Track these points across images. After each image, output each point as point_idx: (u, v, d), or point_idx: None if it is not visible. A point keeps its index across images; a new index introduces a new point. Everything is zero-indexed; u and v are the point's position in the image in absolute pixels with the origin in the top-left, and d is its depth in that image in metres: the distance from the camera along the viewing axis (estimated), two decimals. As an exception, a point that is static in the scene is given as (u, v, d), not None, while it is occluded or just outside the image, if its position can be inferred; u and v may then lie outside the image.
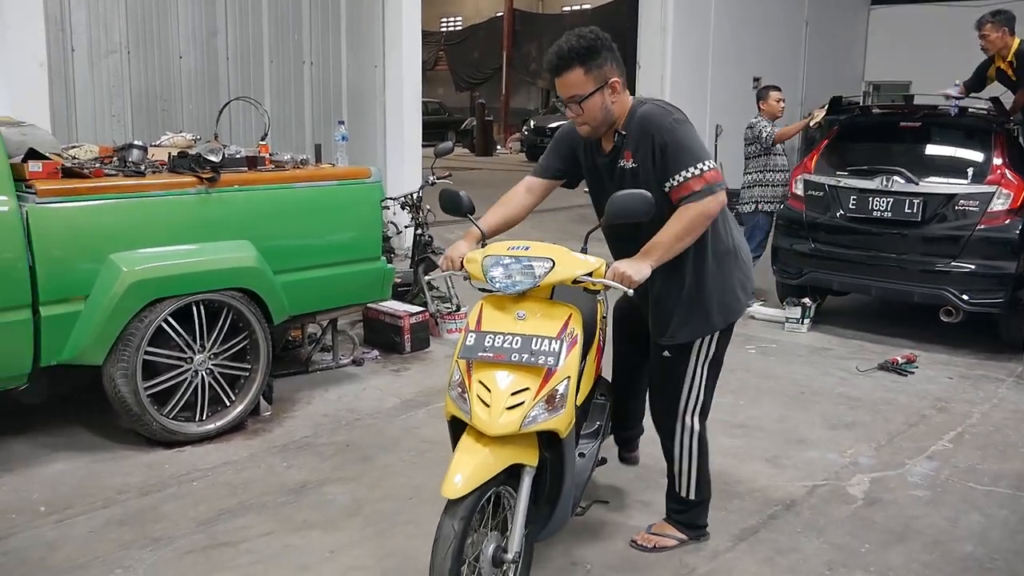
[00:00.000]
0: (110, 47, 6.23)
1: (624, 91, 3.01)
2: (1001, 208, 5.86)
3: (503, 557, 2.71)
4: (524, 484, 2.73)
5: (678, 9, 11.69)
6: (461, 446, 2.67)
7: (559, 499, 2.86)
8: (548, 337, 2.71)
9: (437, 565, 2.54)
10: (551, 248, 2.86)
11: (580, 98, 2.91)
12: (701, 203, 2.90)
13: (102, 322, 3.96)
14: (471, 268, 2.91)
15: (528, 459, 2.74)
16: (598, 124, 3.00)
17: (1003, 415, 4.96)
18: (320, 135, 7.47)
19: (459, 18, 34.63)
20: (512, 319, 2.78)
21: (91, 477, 3.95)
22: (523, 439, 2.73)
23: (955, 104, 6.46)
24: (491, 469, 2.63)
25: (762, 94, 7.46)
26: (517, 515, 2.72)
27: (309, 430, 4.55)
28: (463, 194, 3.13)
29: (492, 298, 2.90)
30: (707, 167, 2.92)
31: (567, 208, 11.82)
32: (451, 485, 2.56)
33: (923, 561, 3.36)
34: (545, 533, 2.95)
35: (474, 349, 2.72)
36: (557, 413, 2.68)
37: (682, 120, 2.99)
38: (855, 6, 16.64)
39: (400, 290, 6.38)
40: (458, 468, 2.59)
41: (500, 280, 2.81)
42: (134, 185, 4.14)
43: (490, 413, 2.63)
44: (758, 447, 4.43)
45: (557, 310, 2.84)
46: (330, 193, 4.87)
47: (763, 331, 6.67)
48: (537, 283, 2.78)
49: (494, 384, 2.67)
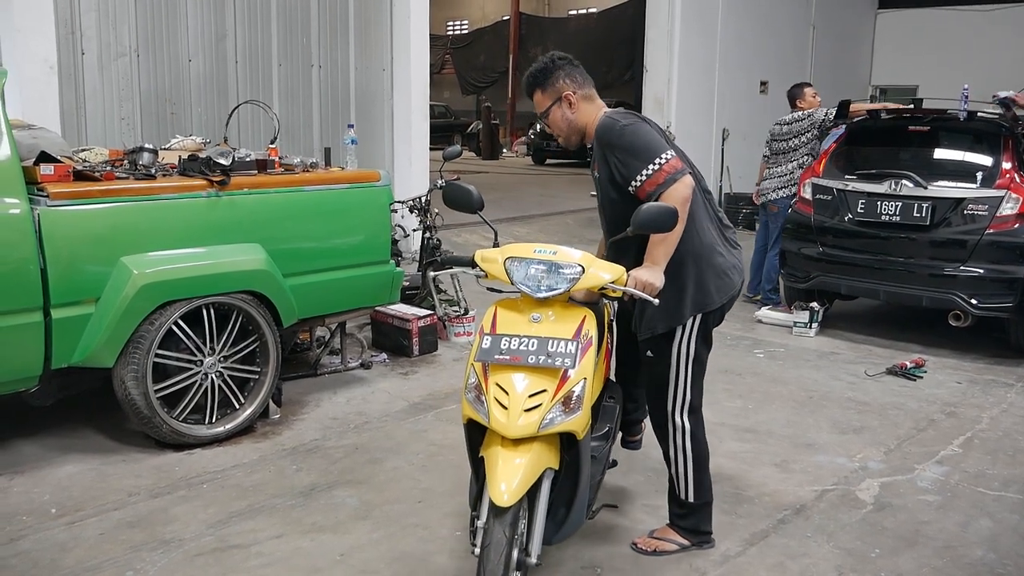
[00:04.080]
0: (120, 50, 6.26)
1: (584, 103, 3.23)
2: (1010, 212, 5.85)
3: (527, 561, 2.70)
4: (544, 487, 2.73)
5: (685, 13, 11.68)
6: (499, 455, 2.65)
7: (575, 501, 2.86)
8: (564, 339, 2.72)
9: (490, 571, 2.54)
10: (576, 254, 2.87)
11: (543, 113, 3.26)
12: (673, 189, 3.01)
13: (113, 325, 3.97)
14: (490, 268, 2.91)
15: (553, 463, 2.75)
16: (565, 134, 3.28)
17: (1012, 420, 4.94)
18: (328, 138, 7.50)
19: (465, 22, 34.68)
20: (527, 321, 2.79)
21: (101, 479, 3.96)
22: (550, 443, 2.73)
23: (965, 108, 6.43)
24: (533, 475, 2.64)
25: (796, 92, 7.49)
26: (537, 517, 2.71)
27: (318, 433, 4.56)
28: (473, 189, 3.15)
29: (506, 301, 2.91)
30: (663, 160, 3.03)
31: (574, 212, 11.85)
32: (499, 494, 2.56)
33: (934, 566, 3.35)
34: (560, 536, 2.95)
35: (490, 352, 2.73)
36: (574, 414, 2.69)
37: (630, 124, 3.13)
38: (862, 10, 16.63)
39: (408, 293, 6.39)
40: (503, 477, 2.59)
41: (528, 283, 2.81)
42: (145, 188, 4.15)
43: (508, 415, 2.63)
44: (767, 452, 4.42)
45: (572, 312, 2.85)
46: (339, 196, 4.88)
47: (771, 335, 6.66)
48: (568, 288, 2.79)
49: (511, 386, 2.67)
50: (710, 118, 12.35)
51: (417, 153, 8.31)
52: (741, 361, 5.97)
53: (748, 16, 12.85)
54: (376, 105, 8.13)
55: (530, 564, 2.70)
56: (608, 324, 3.52)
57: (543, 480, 2.73)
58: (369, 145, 7.93)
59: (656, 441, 3.43)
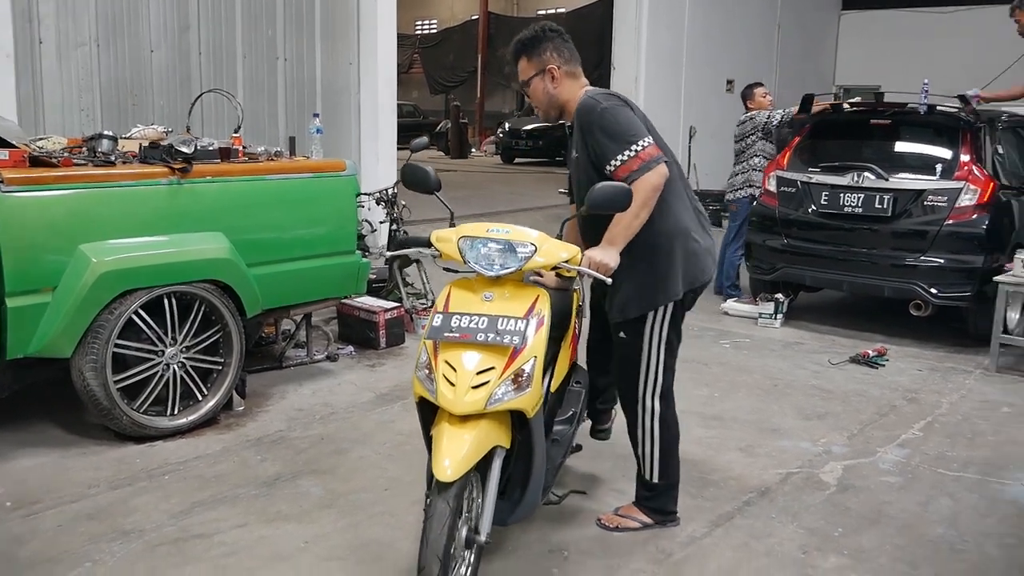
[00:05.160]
0: (79, 40, 6.15)
1: (567, 79, 3.22)
2: (969, 203, 5.94)
3: (476, 539, 2.71)
4: (495, 466, 2.74)
5: (652, 11, 11.75)
6: (445, 431, 2.65)
7: (529, 482, 2.86)
8: (514, 317, 2.72)
9: (432, 541, 2.53)
10: (531, 233, 2.86)
11: (524, 82, 3.26)
12: (645, 177, 3.00)
13: (71, 314, 3.89)
14: (444, 247, 2.90)
15: (503, 441, 2.74)
16: (544, 107, 3.29)
17: (971, 405, 5.02)
18: (294, 132, 7.41)
19: (434, 21, 34.61)
20: (479, 300, 2.79)
21: (60, 472, 3.89)
22: (500, 421, 2.72)
23: (925, 102, 6.52)
24: (478, 452, 2.63)
25: (747, 93, 7.59)
26: (487, 497, 2.72)
27: (283, 424, 4.51)
28: (431, 170, 3.15)
29: (461, 281, 2.91)
30: (641, 147, 3.02)
31: (542, 208, 11.87)
32: (442, 469, 2.55)
33: (896, 544, 3.39)
34: (515, 517, 2.95)
35: (440, 330, 2.73)
36: (524, 392, 2.68)
37: (611, 107, 3.10)
38: (826, 10, 16.83)
39: (375, 286, 6.35)
40: (447, 452, 2.58)
41: (480, 262, 2.80)
42: (104, 175, 4.08)
43: (455, 392, 2.63)
44: (733, 437, 4.45)
45: (525, 291, 2.85)
46: (304, 185, 4.84)
47: (737, 326, 6.71)
48: (520, 267, 2.79)
49: (460, 364, 2.67)
50: (677, 116, 12.41)
51: (384, 148, 8.24)
52: (707, 351, 6.00)
53: (715, 14, 12.95)
54: (343, 99, 8.05)
55: (479, 542, 2.70)
56: (578, 309, 3.52)
57: (494, 459, 2.73)
58: (336, 139, 7.85)
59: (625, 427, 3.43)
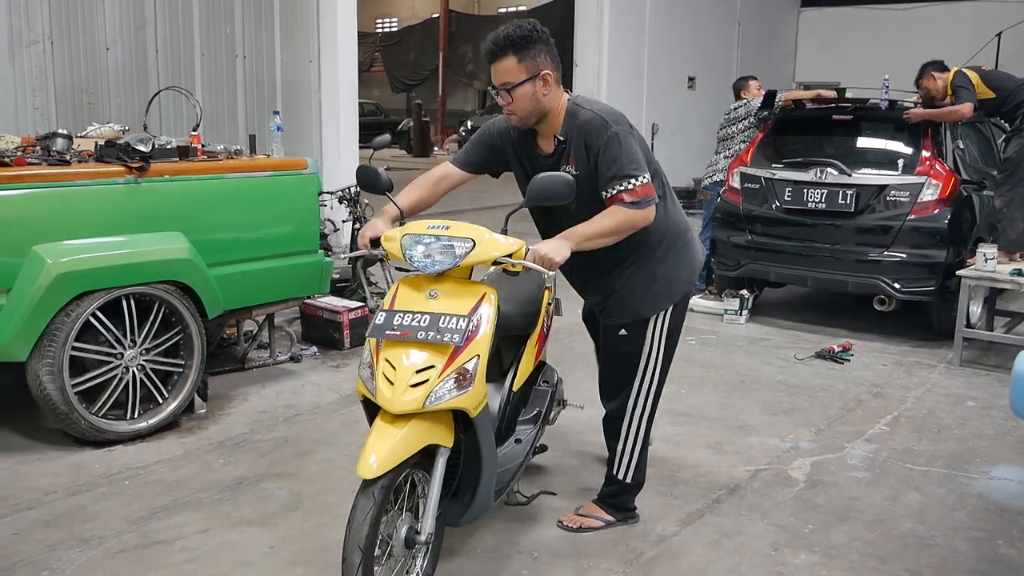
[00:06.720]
0: (32, 37, 6.01)
1: (557, 86, 3.03)
2: (931, 198, 6.00)
3: (416, 539, 2.68)
4: (438, 465, 2.70)
5: (614, 8, 11.79)
6: (376, 427, 2.63)
7: (479, 483, 2.83)
8: (457, 315, 2.69)
9: (353, 532, 2.50)
10: (471, 228, 2.82)
11: (511, 86, 2.94)
12: (631, 211, 2.94)
13: (26, 317, 3.78)
14: (389, 247, 2.86)
15: (443, 440, 2.71)
16: (527, 114, 3.02)
17: (936, 399, 5.07)
18: (254, 130, 7.32)
19: (395, 19, 34.43)
20: (424, 298, 2.76)
21: (15, 479, 3.78)
22: (438, 420, 2.69)
23: (886, 98, 6.59)
24: (407, 449, 2.59)
25: (742, 84, 7.65)
26: (431, 497, 2.69)
27: (246, 427, 4.43)
28: (382, 171, 3.10)
29: (409, 279, 2.87)
30: (640, 182, 2.95)
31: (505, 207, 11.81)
32: (366, 465, 2.52)
33: (865, 539, 3.40)
34: (466, 518, 2.92)
35: (383, 328, 2.69)
36: (465, 391, 2.65)
37: (621, 133, 2.98)
38: (785, 8, 16.99)
39: (339, 286, 6.27)
40: (373, 449, 2.55)
41: (419, 259, 2.77)
42: (59, 174, 3.97)
43: (394, 391, 2.60)
44: (701, 434, 4.44)
45: (471, 289, 2.82)
46: (265, 184, 4.75)
47: (703, 323, 6.72)
48: (457, 263, 2.76)
49: (399, 362, 2.64)
50: (640, 113, 12.45)
51: (346, 146, 8.17)
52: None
53: (675, 12, 13.02)
54: (303, 97, 7.96)
55: (419, 542, 2.67)
56: (546, 308, 3.49)
57: (438, 458, 2.70)
58: (297, 137, 7.76)
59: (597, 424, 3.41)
